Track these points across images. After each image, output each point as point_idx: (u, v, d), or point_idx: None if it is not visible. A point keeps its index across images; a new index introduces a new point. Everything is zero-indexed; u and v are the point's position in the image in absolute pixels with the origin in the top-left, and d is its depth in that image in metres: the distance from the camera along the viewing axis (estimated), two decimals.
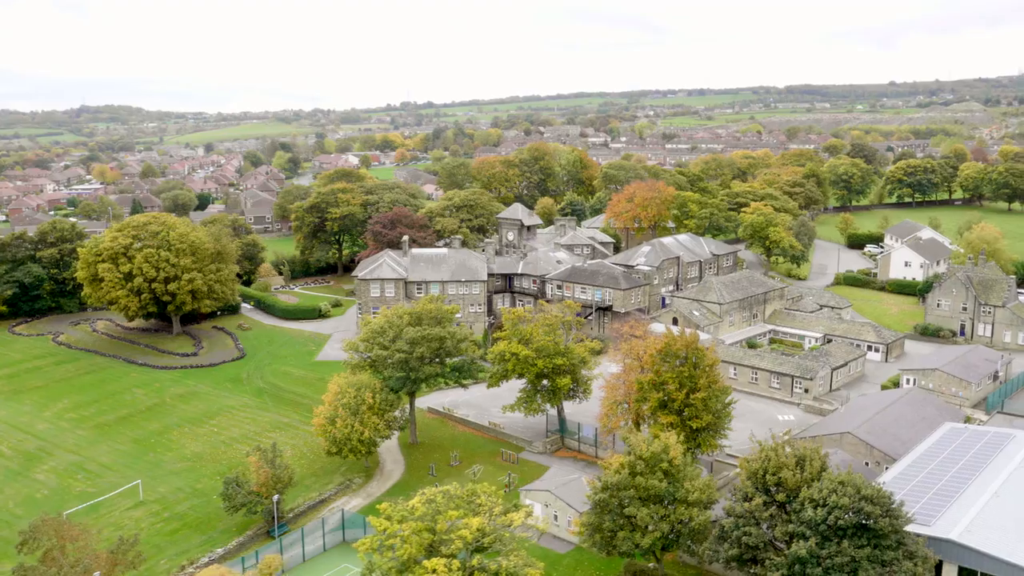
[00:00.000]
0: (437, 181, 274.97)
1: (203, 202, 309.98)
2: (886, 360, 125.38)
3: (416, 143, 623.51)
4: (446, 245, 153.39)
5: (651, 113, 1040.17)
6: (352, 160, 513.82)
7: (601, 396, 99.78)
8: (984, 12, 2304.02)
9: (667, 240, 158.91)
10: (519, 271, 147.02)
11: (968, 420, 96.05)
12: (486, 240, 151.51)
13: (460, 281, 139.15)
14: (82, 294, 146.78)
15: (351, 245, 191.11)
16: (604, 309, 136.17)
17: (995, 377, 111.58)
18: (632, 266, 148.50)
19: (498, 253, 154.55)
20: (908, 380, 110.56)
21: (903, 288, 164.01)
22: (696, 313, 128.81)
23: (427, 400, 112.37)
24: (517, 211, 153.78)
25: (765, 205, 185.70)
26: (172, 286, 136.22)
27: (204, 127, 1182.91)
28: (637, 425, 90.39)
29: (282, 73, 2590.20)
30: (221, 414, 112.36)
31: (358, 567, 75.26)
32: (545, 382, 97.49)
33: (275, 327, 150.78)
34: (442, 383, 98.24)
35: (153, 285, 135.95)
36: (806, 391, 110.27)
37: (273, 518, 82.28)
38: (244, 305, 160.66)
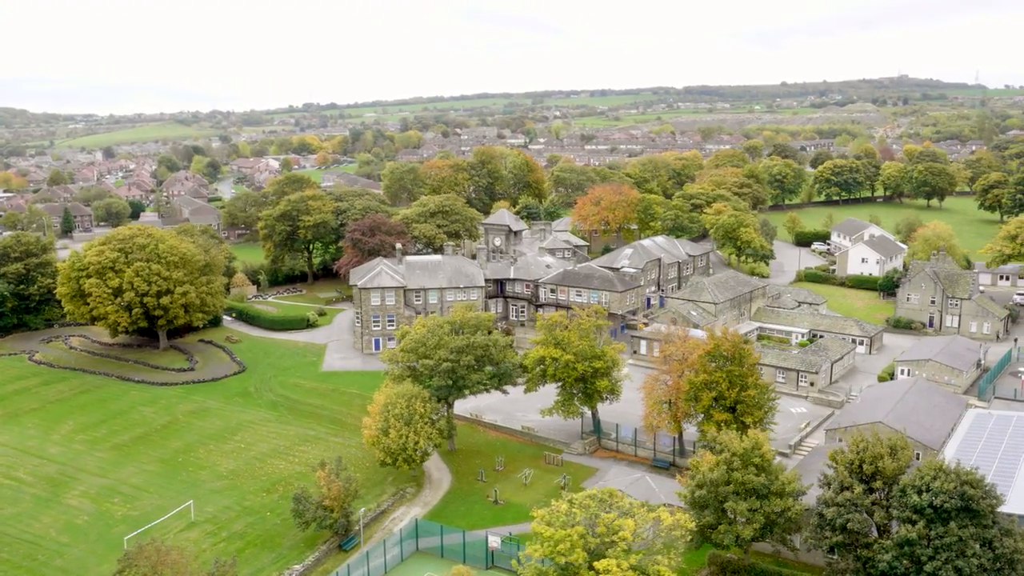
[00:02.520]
0: (384, 187, 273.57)
1: (136, 210, 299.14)
2: (870, 352, 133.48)
3: (334, 146, 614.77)
4: (420, 252, 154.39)
5: (557, 114, 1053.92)
6: (272, 164, 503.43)
7: (628, 397, 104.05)
8: (857, 16, 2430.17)
9: (647, 242, 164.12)
10: (511, 276, 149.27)
11: (968, 407, 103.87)
12: (477, 246, 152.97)
13: (458, 287, 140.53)
14: (65, 311, 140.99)
15: (323, 253, 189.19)
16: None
17: (979, 365, 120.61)
18: (617, 268, 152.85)
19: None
20: (903, 370, 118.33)
21: (862, 283, 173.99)
22: (693, 313, 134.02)
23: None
24: (504, 216, 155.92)
25: (725, 206, 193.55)
26: (164, 300, 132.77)
27: (97, 130, 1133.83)
28: (678, 424, 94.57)
29: (175, 73, 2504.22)
30: (242, 429, 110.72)
31: (441, 574, 77.01)
32: (582, 385, 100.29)
33: (264, 338, 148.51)
34: (482, 389, 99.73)
35: (145, 299, 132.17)
36: (811, 384, 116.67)
37: (346, 531, 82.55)
38: (225, 317, 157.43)
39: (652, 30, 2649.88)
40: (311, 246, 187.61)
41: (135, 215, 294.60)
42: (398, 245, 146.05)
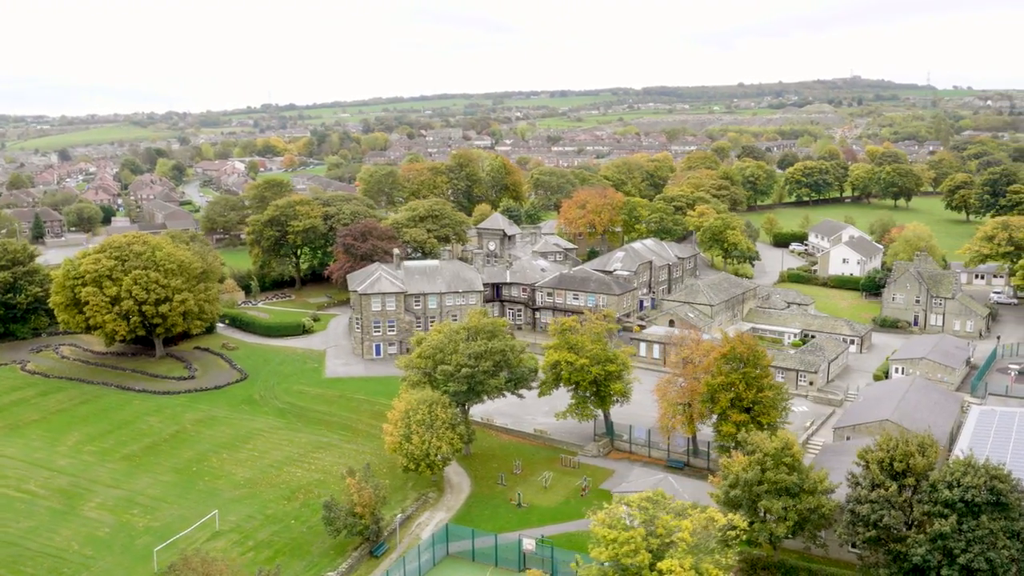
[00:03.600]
0: (361, 191, 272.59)
1: (106, 215, 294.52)
2: (860, 351, 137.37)
3: (299, 148, 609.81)
4: (409, 256, 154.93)
5: (518, 114, 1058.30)
6: (239, 166, 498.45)
7: (634, 399, 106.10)
8: (808, 17, 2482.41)
9: (637, 245, 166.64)
10: (507, 280, 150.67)
11: (965, 403, 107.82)
12: (475, 251, 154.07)
13: (457, 292, 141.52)
14: (59, 320, 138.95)
15: (311, 258, 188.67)
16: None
17: (968, 363, 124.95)
18: (611, 271, 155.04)
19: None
20: (897, 369, 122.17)
21: (844, 283, 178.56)
22: (691, 315, 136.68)
23: None
24: (498, 221, 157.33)
25: (708, 208, 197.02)
26: (164, 308, 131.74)
27: (49, 132, 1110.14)
28: (693, 425, 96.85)
29: (128, 73, 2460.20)
30: (253, 438, 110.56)
31: None
32: (594, 388, 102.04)
33: (261, 345, 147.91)
34: (499, 394, 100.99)
35: (144, 307, 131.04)
36: (811, 384, 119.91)
37: (376, 537, 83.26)
38: (219, 324, 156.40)
39: (607, 31, 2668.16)
40: (299, 251, 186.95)
41: (106, 220, 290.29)
42: (396, 251, 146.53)
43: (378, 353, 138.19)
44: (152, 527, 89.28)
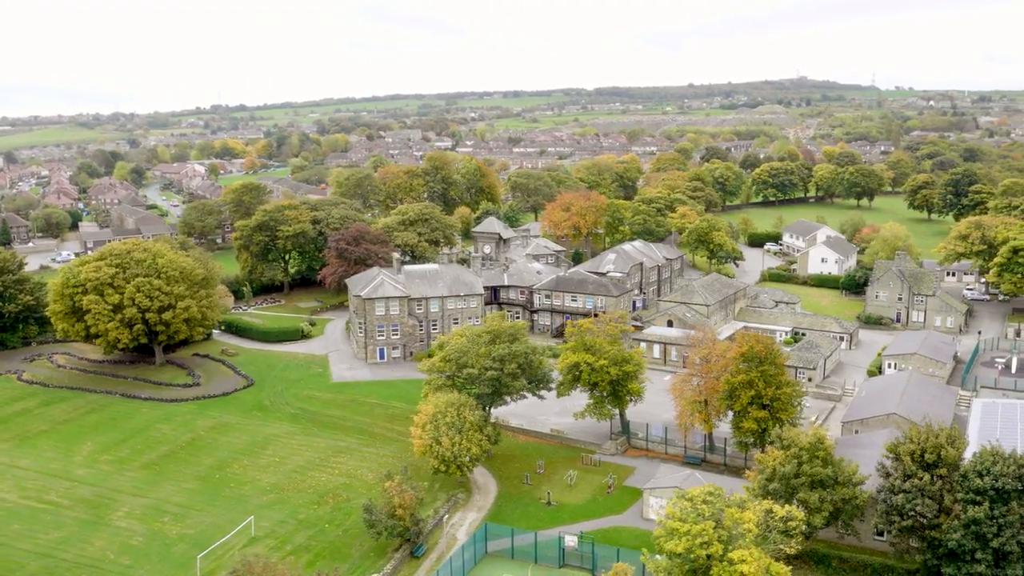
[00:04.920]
0: (333, 194, 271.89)
1: (73, 220, 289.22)
2: (849, 348, 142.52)
3: (258, 150, 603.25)
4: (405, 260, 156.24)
5: (473, 115, 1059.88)
6: (199, 169, 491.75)
7: (644, 398, 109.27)
8: (751, 17, 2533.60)
9: (627, 247, 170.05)
10: (505, 283, 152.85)
11: (959, 396, 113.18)
12: (472, 255, 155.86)
13: (458, 296, 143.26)
14: (58, 328, 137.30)
15: (300, 263, 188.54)
16: (597, 315, 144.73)
17: (955, 357, 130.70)
18: (604, 273, 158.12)
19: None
20: (890, 364, 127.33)
21: (823, 282, 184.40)
22: (688, 315, 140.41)
23: None
24: (494, 224, 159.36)
25: (690, 210, 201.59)
26: (167, 315, 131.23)
27: None
28: (709, 422, 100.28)
29: (70, 73, 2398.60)
30: (271, 443, 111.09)
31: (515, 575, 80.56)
32: (611, 387, 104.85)
33: (261, 351, 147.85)
34: (520, 395, 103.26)
35: (147, 315, 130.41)
36: (809, 380, 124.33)
37: (416, 538, 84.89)
38: (214, 329, 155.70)
39: (557, 32, 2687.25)
40: (287, 256, 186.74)
41: (74, 225, 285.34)
42: (396, 255, 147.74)
43: (382, 357, 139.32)
44: (186, 535, 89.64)
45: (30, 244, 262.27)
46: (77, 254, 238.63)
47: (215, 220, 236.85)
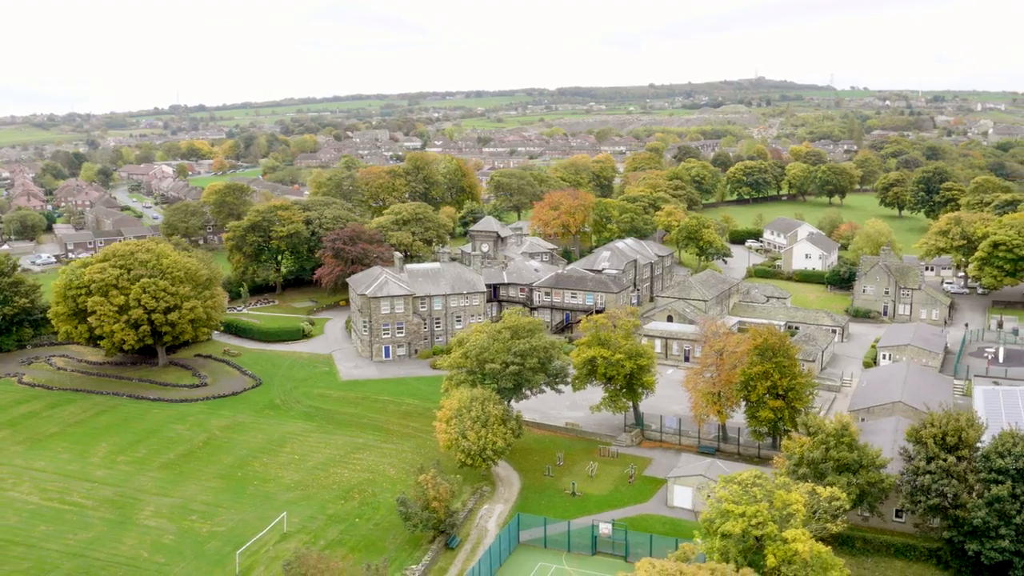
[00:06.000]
0: (319, 193, 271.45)
1: (48, 222, 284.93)
2: (841, 340, 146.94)
3: (225, 150, 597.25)
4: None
5: (436, 115, 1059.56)
6: (167, 170, 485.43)
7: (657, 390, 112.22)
8: (707, 18, 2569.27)
9: (620, 244, 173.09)
10: (504, 280, 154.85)
11: (954, 385, 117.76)
12: (472, 253, 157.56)
13: (461, 294, 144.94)
14: (60, 331, 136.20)
15: (293, 263, 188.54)
16: (599, 311, 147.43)
17: (945, 348, 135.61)
18: (600, 270, 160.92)
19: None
20: (884, 355, 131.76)
21: (808, 277, 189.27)
22: (687, 310, 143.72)
23: None
24: (491, 224, 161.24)
25: (676, 208, 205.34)
26: (173, 315, 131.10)
27: None
28: (723, 413, 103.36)
29: (21, 73, 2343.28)
30: (288, 441, 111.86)
31: (554, 564, 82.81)
32: (626, 380, 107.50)
33: (264, 351, 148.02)
34: (540, 389, 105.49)
35: (153, 316, 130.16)
36: (809, 371, 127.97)
37: (451, 529, 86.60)
38: (214, 330, 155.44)
39: (515, 32, 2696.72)
40: (280, 257, 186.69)
41: (48, 227, 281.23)
42: (398, 254, 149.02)
43: (387, 355, 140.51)
44: (217, 532, 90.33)
45: (4, 247, 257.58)
46: (57, 256, 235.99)
47: (199, 221, 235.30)
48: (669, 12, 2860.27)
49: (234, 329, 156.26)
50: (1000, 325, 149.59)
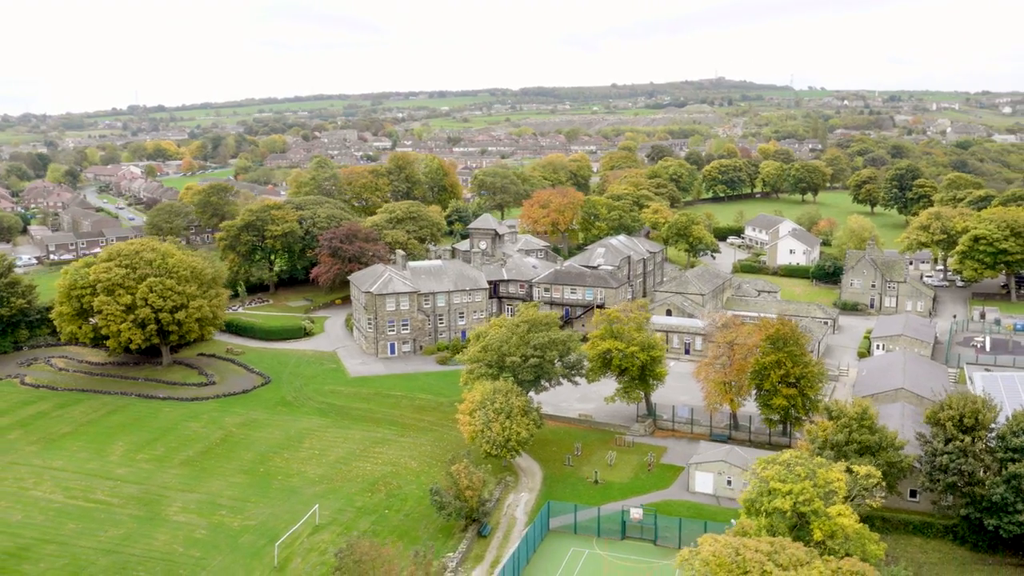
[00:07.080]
0: (299, 193, 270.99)
1: (24, 223, 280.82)
2: (832, 332, 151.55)
3: (193, 151, 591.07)
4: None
5: (400, 115, 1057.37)
6: (135, 171, 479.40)
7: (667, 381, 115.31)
8: (666, 19, 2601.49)
9: (614, 241, 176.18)
10: (504, 277, 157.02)
11: (948, 372, 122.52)
12: (472, 251, 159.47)
13: (464, 290, 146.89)
14: (65, 331, 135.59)
15: (286, 262, 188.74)
16: (599, 307, 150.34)
17: (935, 338, 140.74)
18: (595, 266, 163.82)
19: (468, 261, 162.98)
20: (878, 345, 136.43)
21: (793, 272, 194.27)
22: (686, 304, 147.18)
23: None
24: (489, 221, 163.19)
25: (661, 205, 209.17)
26: (180, 315, 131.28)
27: None
28: (735, 402, 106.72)
29: None
30: (306, 437, 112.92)
31: (586, 549, 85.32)
32: (639, 372, 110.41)
33: (267, 349, 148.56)
34: (558, 381, 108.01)
35: (160, 315, 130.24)
36: None
37: (483, 518, 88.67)
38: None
39: (476, 31, 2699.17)
40: (273, 256, 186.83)
41: (23, 229, 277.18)
42: (400, 252, 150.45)
43: (393, 351, 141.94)
44: (248, 526, 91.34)
45: None
46: (38, 258, 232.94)
47: (183, 222, 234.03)
48: (630, 13, 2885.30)
49: (235, 328, 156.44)
50: (983, 316, 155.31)
